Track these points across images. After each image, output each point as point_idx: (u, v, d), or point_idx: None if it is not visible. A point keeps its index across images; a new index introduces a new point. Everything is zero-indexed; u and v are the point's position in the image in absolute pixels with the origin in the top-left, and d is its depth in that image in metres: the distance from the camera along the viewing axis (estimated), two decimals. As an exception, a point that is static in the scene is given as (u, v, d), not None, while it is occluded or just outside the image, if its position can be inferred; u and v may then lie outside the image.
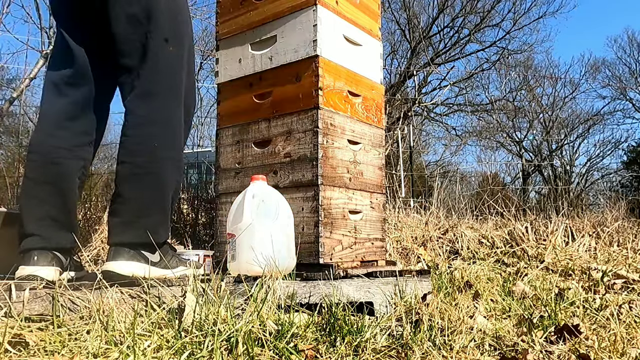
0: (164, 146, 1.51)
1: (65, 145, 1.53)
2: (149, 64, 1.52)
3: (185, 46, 1.61)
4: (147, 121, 1.51)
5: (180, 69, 1.58)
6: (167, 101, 1.54)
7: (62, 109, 1.54)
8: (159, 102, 1.53)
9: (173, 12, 1.57)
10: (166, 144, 1.52)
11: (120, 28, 1.51)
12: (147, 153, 1.49)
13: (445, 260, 2.92)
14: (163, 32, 1.54)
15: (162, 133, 1.52)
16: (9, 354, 1.01)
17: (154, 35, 1.52)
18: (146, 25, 1.51)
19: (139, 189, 1.48)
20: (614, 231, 3.39)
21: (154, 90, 1.53)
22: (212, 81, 14.76)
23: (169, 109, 1.55)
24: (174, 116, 1.55)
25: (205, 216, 3.33)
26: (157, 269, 1.48)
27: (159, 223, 1.50)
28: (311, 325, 1.24)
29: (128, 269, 1.42)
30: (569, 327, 1.29)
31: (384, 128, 2.16)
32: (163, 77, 1.54)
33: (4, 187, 3.57)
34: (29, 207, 1.51)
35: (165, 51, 1.54)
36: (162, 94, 1.54)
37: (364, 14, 2.13)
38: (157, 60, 1.53)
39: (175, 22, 1.57)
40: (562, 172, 16.35)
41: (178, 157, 1.55)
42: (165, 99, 1.54)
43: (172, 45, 1.55)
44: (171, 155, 1.53)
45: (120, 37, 1.51)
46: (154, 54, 1.52)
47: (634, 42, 18.22)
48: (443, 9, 13.94)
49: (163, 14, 1.53)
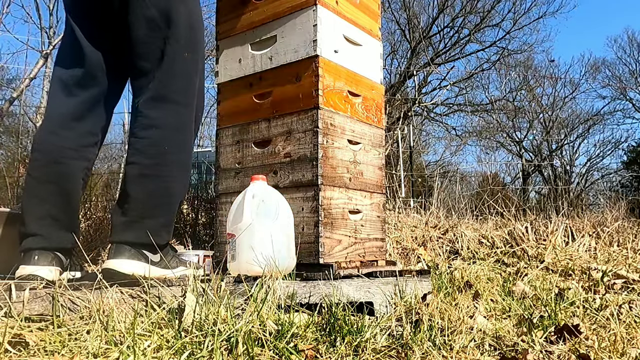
0: (174, 150, 1.52)
1: (71, 145, 1.54)
2: (165, 68, 1.54)
3: (199, 52, 1.63)
4: (159, 124, 1.52)
5: (195, 75, 1.61)
6: (180, 106, 1.56)
7: (70, 109, 1.55)
8: (172, 107, 1.55)
9: (190, 19, 1.59)
10: (176, 148, 1.53)
11: (139, 31, 1.52)
12: (157, 156, 1.50)
13: (445, 260, 2.92)
14: (180, 37, 1.56)
15: (173, 137, 1.53)
16: (9, 354, 1.01)
17: (172, 40, 1.54)
18: (165, 29, 1.53)
19: (145, 190, 1.48)
20: (614, 231, 3.39)
21: (168, 94, 1.54)
22: (212, 81, 14.75)
23: (181, 114, 1.56)
24: (185, 121, 1.57)
25: (205, 216, 3.33)
26: (158, 268, 1.48)
27: (163, 225, 1.50)
28: (311, 325, 1.24)
29: (129, 267, 1.42)
30: (569, 327, 1.29)
31: (384, 128, 2.16)
32: (178, 82, 1.56)
33: (4, 187, 3.57)
34: (30, 206, 1.51)
35: (182, 57, 1.56)
36: (176, 99, 1.55)
37: (364, 14, 2.13)
38: (173, 65, 1.55)
39: (192, 29, 1.59)
40: (562, 172, 16.36)
41: (187, 162, 1.57)
42: (178, 104, 1.56)
43: (188, 51, 1.58)
44: (180, 159, 1.54)
45: (139, 39, 1.53)
46: (171, 59, 1.54)
47: (634, 42, 18.24)
48: (443, 9, 13.94)
49: (181, 19, 1.55)
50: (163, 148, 1.50)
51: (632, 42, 18.30)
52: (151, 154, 1.50)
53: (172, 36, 1.54)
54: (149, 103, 1.53)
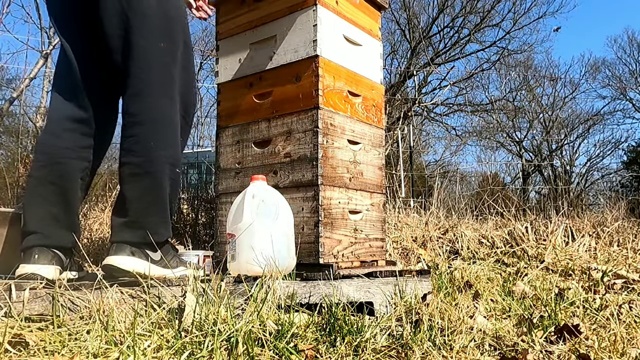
0: (159, 145, 1.50)
1: (69, 145, 1.54)
2: (138, 61, 1.50)
3: (178, 42, 1.58)
4: (140, 121, 1.50)
5: (172, 65, 1.56)
6: (159, 99, 1.52)
7: (68, 111, 1.55)
8: (150, 101, 1.51)
9: (164, 8, 1.54)
10: (162, 143, 1.50)
11: (110, 25, 1.49)
12: (143, 153, 1.48)
13: (445, 260, 2.92)
14: (153, 28, 1.51)
15: (157, 132, 1.50)
16: (9, 354, 1.01)
17: (144, 31, 1.50)
18: (133, 20, 1.49)
19: (137, 189, 1.48)
20: (614, 231, 3.39)
21: (144, 88, 1.51)
22: (212, 81, 14.76)
23: (162, 107, 1.53)
24: (167, 114, 1.53)
25: (205, 216, 3.34)
26: (158, 267, 1.48)
27: (159, 222, 1.50)
28: (311, 325, 1.24)
29: (129, 264, 1.42)
30: (569, 327, 1.29)
31: (384, 128, 2.16)
32: (154, 74, 1.52)
33: (4, 187, 3.57)
34: (31, 205, 1.51)
35: (156, 48, 1.52)
36: (154, 93, 1.52)
37: (364, 14, 2.13)
38: (147, 57, 1.51)
39: (168, 19, 1.55)
40: (562, 172, 16.35)
41: (174, 156, 1.54)
42: (157, 98, 1.52)
43: (164, 41, 1.53)
44: (167, 154, 1.51)
45: (110, 34, 1.50)
46: (143, 51, 1.50)
47: (634, 42, 18.23)
48: (443, 9, 13.94)
49: (153, 9, 1.51)
50: (149, 144, 1.48)
51: (632, 42, 18.31)
52: (138, 152, 1.48)
53: (143, 27, 1.50)
54: (128, 99, 1.51)
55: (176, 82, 1.57)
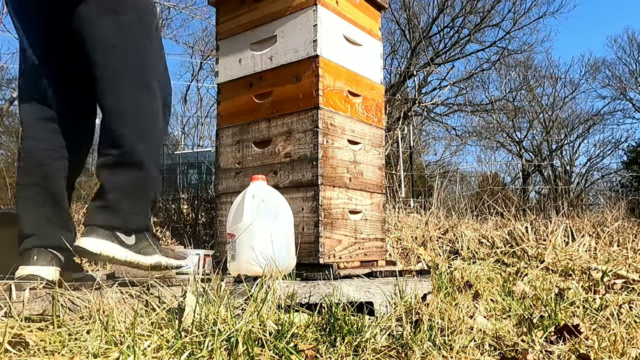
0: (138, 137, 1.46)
1: (50, 147, 1.53)
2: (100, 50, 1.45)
3: (143, 22, 1.50)
4: (114, 114, 1.46)
5: (141, 50, 1.50)
6: (131, 90, 1.48)
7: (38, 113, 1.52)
8: (120, 91, 1.47)
9: None
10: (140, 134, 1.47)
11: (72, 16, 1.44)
12: (121, 145, 1.44)
13: (445, 260, 2.92)
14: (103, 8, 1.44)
15: (134, 123, 1.47)
16: (9, 354, 1.01)
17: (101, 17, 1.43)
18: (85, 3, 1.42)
19: (113, 178, 1.45)
20: (614, 231, 3.39)
21: (113, 79, 1.47)
22: (212, 81, 14.76)
23: (135, 97, 1.49)
24: (141, 102, 1.49)
25: (205, 216, 3.34)
26: (129, 251, 1.45)
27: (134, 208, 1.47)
28: (311, 325, 1.24)
29: (97, 246, 1.40)
30: (569, 327, 1.29)
31: (384, 128, 2.16)
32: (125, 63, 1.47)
33: (4, 187, 3.57)
34: (24, 209, 1.51)
35: (118, 33, 1.45)
36: (123, 82, 1.47)
37: (364, 14, 2.13)
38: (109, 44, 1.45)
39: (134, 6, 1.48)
40: (562, 172, 16.35)
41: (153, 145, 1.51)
42: (128, 88, 1.48)
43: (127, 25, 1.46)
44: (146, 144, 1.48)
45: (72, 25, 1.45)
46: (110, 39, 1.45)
47: (634, 42, 18.23)
48: (443, 9, 13.94)
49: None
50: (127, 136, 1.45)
51: (632, 42, 18.32)
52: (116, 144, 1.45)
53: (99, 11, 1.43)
54: (99, 94, 1.48)
55: (152, 68, 1.52)
